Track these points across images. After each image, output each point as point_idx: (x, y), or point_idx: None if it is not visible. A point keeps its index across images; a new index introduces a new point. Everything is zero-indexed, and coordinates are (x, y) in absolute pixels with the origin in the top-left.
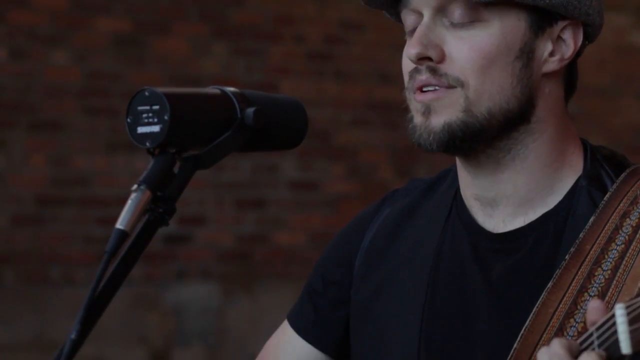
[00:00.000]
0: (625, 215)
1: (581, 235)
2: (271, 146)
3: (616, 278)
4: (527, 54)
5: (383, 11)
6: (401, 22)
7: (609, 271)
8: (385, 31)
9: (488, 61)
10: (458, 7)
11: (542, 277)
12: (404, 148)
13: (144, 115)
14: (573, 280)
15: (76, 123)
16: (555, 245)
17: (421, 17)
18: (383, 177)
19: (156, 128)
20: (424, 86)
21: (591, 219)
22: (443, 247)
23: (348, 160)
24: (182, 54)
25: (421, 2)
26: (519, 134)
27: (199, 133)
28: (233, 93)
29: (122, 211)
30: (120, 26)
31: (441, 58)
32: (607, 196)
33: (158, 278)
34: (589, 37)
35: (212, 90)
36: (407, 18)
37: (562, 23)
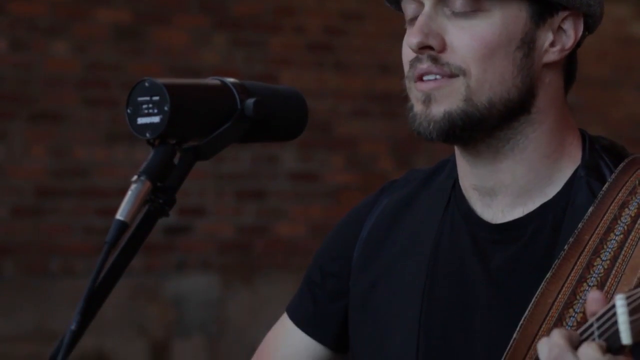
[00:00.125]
0: (624, 205)
1: (580, 225)
2: (271, 137)
3: (615, 268)
4: (528, 44)
5: (383, 0)
6: (401, 11)
7: (608, 261)
8: (385, 22)
9: (489, 50)
10: None
11: (541, 268)
12: (404, 139)
13: (144, 106)
14: (572, 270)
15: (76, 114)
16: (554, 235)
17: (422, 6)
18: (383, 168)
19: (156, 119)
20: (425, 74)
21: (590, 209)
22: (442, 238)
23: (348, 151)
24: (182, 45)
25: None
26: (519, 124)
27: (199, 124)
28: (233, 84)
29: (122, 202)
30: (120, 17)
31: (442, 47)
32: (606, 186)
33: (158, 269)
34: (589, 28)
35: (212, 81)
36: (408, 7)
37: (563, 13)
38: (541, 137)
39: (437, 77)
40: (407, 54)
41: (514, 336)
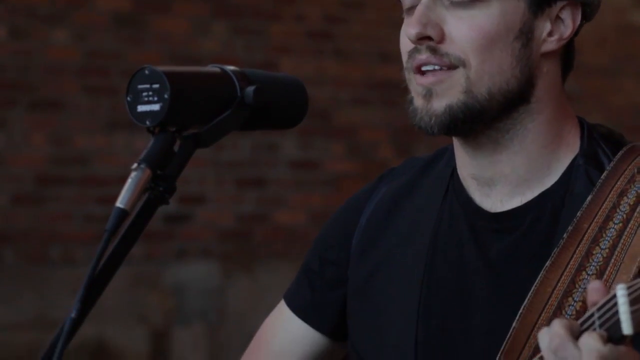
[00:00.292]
0: (622, 193)
1: (579, 214)
2: (271, 125)
3: (614, 257)
4: (527, 34)
5: None
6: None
7: (607, 250)
8: (385, 10)
9: (488, 41)
10: None
11: (540, 257)
12: (404, 127)
13: (144, 93)
14: (571, 259)
15: (76, 102)
16: (552, 224)
17: None
18: (383, 156)
19: (156, 107)
20: (424, 65)
21: (588, 198)
22: (441, 226)
23: (348, 139)
24: (182, 33)
25: None
26: (518, 114)
27: (199, 111)
28: (233, 72)
29: (122, 190)
30: (120, 5)
31: (441, 38)
32: (604, 174)
33: (158, 257)
34: (587, 16)
35: (212, 68)
36: None
37: (561, 3)
38: (540, 127)
39: (436, 68)
40: (406, 44)
41: (514, 325)
